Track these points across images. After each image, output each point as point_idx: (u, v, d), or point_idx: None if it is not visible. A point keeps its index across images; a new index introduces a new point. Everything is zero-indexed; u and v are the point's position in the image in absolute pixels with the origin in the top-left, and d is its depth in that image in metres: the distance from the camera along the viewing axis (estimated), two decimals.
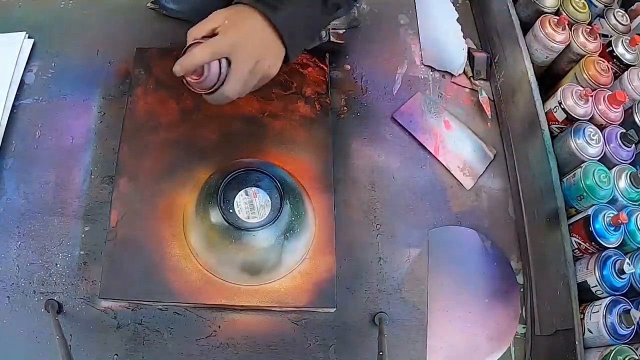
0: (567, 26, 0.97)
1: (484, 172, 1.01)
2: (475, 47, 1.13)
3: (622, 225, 0.80)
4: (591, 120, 0.91)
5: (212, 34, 0.68)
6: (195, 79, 0.67)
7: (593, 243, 0.81)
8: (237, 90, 0.69)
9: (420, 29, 1.13)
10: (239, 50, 0.67)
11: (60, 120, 0.94)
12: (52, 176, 0.89)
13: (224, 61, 0.66)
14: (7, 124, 0.91)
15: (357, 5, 1.10)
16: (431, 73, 1.09)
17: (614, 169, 0.86)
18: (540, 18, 0.98)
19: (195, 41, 0.67)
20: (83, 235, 0.86)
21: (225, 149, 0.89)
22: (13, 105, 0.93)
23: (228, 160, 0.87)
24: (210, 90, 0.68)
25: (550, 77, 1.03)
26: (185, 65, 0.66)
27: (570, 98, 0.90)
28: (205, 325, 0.83)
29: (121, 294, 0.79)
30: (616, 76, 0.96)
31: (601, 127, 0.90)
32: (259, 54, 0.68)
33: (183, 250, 0.81)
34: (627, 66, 0.96)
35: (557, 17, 0.97)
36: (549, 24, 0.97)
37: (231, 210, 0.79)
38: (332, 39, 1.03)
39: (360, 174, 0.96)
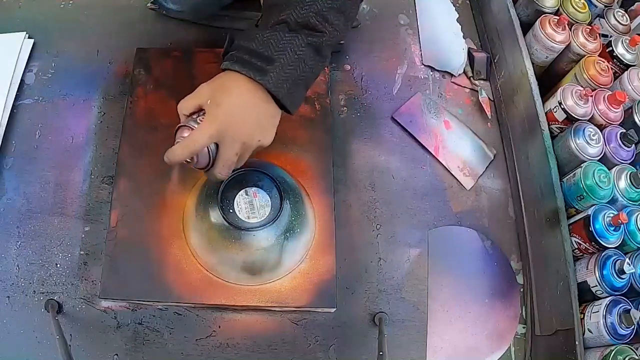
0: (567, 26, 0.97)
1: (484, 172, 1.01)
2: (475, 47, 1.13)
3: (622, 225, 0.80)
4: (591, 120, 0.91)
5: (199, 109, 0.67)
6: (188, 161, 0.68)
7: (593, 243, 0.81)
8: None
9: (420, 29, 1.13)
10: (222, 136, 0.65)
11: (60, 120, 0.94)
12: (52, 176, 0.89)
13: (212, 145, 0.66)
14: (7, 124, 0.91)
15: None
16: (431, 73, 1.09)
17: (614, 169, 0.86)
18: (540, 18, 0.98)
19: (181, 125, 0.67)
20: (83, 235, 0.86)
21: None
22: (13, 105, 0.93)
23: None
24: (205, 170, 0.69)
25: (550, 77, 1.03)
26: (170, 161, 0.66)
27: (570, 98, 0.90)
28: (205, 325, 0.83)
29: (121, 294, 0.79)
30: (616, 76, 0.96)
31: (601, 127, 0.90)
32: (246, 135, 0.66)
33: (183, 250, 0.81)
34: (627, 66, 0.96)
35: (557, 17, 0.97)
36: (549, 24, 0.97)
37: (231, 210, 0.79)
38: None
39: (360, 174, 0.96)
